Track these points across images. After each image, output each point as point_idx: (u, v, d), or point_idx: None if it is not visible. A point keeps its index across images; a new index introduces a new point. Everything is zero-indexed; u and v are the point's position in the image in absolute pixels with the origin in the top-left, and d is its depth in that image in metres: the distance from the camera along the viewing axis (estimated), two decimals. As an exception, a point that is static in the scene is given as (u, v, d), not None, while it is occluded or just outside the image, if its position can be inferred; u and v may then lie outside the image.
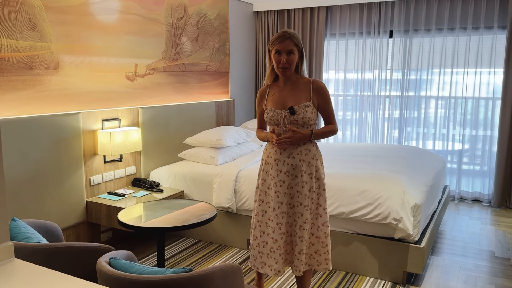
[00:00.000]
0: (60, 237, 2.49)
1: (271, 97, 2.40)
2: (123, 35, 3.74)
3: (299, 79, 2.39)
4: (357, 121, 5.53)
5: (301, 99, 2.33)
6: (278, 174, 2.37)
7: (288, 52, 2.26)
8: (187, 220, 2.57)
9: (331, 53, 5.60)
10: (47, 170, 3.10)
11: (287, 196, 2.38)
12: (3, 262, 1.30)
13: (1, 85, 2.85)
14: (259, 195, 2.45)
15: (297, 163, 2.34)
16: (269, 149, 2.42)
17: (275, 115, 2.33)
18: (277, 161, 2.36)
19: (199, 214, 2.69)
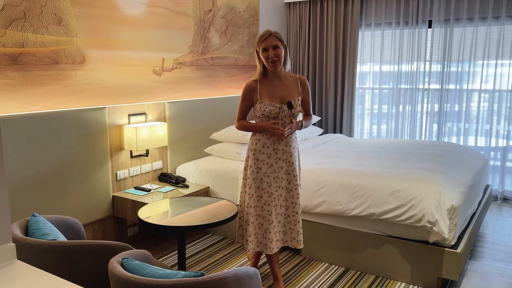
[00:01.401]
0: (81, 233, 2.47)
1: (265, 92, 2.56)
2: (150, 28, 3.70)
3: (287, 74, 2.63)
4: (394, 116, 5.29)
5: (294, 94, 2.59)
6: (278, 161, 2.59)
7: (274, 46, 2.48)
8: (206, 219, 2.49)
9: (366, 45, 5.38)
10: (73, 165, 3.11)
11: (284, 181, 2.63)
12: (4, 264, 1.26)
13: (27, 80, 2.86)
14: (255, 183, 2.61)
15: (292, 150, 2.61)
16: (262, 140, 2.59)
17: (274, 108, 2.53)
18: (276, 150, 2.59)
19: (220, 212, 2.61)
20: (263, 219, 2.64)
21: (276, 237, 2.67)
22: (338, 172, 3.27)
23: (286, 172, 2.63)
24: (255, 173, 2.61)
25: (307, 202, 3.21)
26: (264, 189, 2.61)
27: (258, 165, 2.60)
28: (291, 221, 2.72)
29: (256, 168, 2.60)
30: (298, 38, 5.62)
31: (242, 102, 2.64)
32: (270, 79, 2.58)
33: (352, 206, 3.04)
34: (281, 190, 2.63)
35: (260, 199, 2.62)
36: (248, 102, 2.62)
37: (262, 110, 2.55)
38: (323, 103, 5.59)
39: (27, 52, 2.84)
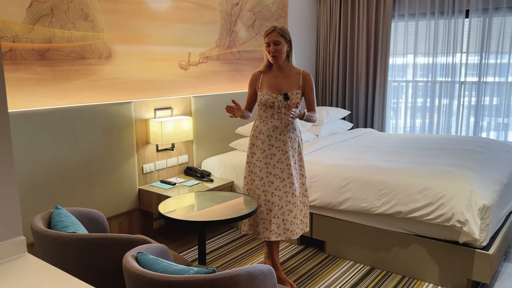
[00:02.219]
0: (104, 226, 2.51)
1: (266, 82, 2.72)
2: (176, 23, 3.70)
3: (291, 69, 2.73)
4: (428, 110, 5.10)
5: (293, 86, 2.69)
6: (270, 148, 2.70)
7: (275, 42, 2.61)
8: (225, 215, 2.47)
9: (399, 36, 5.19)
10: (100, 159, 3.16)
11: (277, 169, 2.69)
12: (14, 257, 1.28)
13: (54, 74, 2.92)
14: (248, 166, 2.78)
15: (286, 139, 2.69)
16: (260, 126, 2.74)
17: (270, 98, 2.68)
18: (270, 137, 2.70)
19: (240, 208, 2.58)
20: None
21: (264, 225, 2.74)
22: (365, 168, 3.18)
23: (279, 160, 2.70)
24: (250, 157, 2.78)
25: (332, 199, 3.14)
26: (256, 173, 2.75)
27: (253, 150, 2.77)
28: (284, 212, 2.71)
29: (251, 152, 2.77)
30: (329, 30, 5.50)
31: (248, 90, 2.86)
32: (273, 71, 2.73)
33: (378, 204, 2.95)
34: (272, 177, 2.70)
35: (252, 183, 2.78)
36: (251, 90, 2.82)
37: (260, 99, 2.73)
38: (353, 96, 5.46)
39: (54, 48, 2.90)
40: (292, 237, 2.73)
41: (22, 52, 2.74)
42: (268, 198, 2.71)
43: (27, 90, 2.79)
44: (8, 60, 2.68)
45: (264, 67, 2.75)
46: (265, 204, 2.72)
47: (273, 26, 2.65)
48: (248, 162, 2.80)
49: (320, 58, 5.62)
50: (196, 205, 2.72)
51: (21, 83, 2.76)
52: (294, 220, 2.72)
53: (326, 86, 5.63)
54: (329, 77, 5.59)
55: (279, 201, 2.70)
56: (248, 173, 2.80)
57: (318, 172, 3.25)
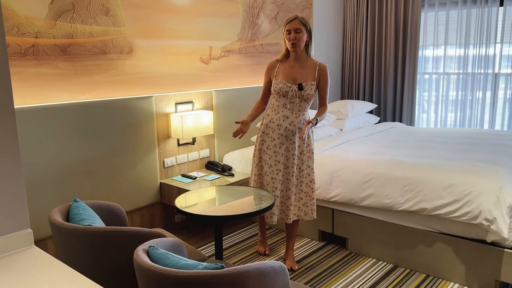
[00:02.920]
0: (123, 219, 2.53)
1: (282, 71, 2.75)
2: (197, 17, 3.69)
3: (308, 60, 2.75)
4: (460, 103, 4.90)
5: (308, 77, 2.72)
6: (279, 137, 2.76)
7: (296, 30, 2.63)
8: (240, 209, 2.45)
9: (429, 27, 5.01)
10: (121, 152, 3.20)
11: (283, 157, 2.78)
12: (21, 249, 1.29)
13: (76, 69, 2.97)
14: (259, 153, 2.86)
15: (295, 130, 2.75)
16: (271, 115, 2.79)
17: (285, 87, 2.71)
18: (280, 126, 2.76)
19: (257, 202, 2.55)
20: (261, 187, 2.88)
21: (276, 211, 2.85)
22: (389, 163, 3.08)
23: (286, 149, 2.78)
24: (260, 144, 2.85)
25: (353, 195, 3.06)
26: (265, 161, 2.84)
27: (263, 137, 2.83)
28: (284, 196, 2.84)
29: (261, 140, 2.84)
30: (356, 21, 5.36)
31: (264, 79, 2.88)
32: (290, 61, 2.76)
33: (402, 200, 2.85)
34: (280, 165, 2.80)
35: (262, 169, 2.86)
36: (267, 79, 2.85)
37: (274, 87, 2.75)
38: (381, 89, 5.31)
39: (76, 43, 2.94)
40: (286, 221, 2.88)
41: (44, 47, 2.79)
42: (276, 186, 2.82)
43: (50, 85, 2.84)
44: (31, 56, 2.73)
45: (281, 56, 2.79)
46: (273, 191, 2.83)
47: (295, 15, 2.70)
48: (258, 150, 2.86)
49: (347, 50, 5.49)
50: (214, 199, 2.71)
51: (43, 78, 2.81)
52: (290, 206, 2.85)
53: (353, 78, 5.50)
54: (356, 70, 5.46)
55: (281, 185, 2.83)
56: (259, 159, 2.86)
57: (340, 167, 3.18)
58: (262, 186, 2.88)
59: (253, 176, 2.92)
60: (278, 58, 2.81)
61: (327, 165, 3.23)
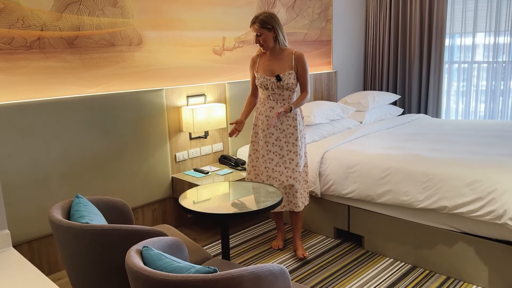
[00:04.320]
0: (128, 215, 2.47)
1: (261, 65, 2.86)
2: (209, 6, 3.58)
3: (283, 50, 2.83)
4: (489, 93, 4.64)
5: (285, 67, 2.80)
6: (269, 127, 2.85)
7: (257, 35, 2.74)
8: (244, 207, 2.34)
9: (457, 14, 4.74)
10: (131, 146, 3.15)
11: (276, 147, 2.86)
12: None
13: (84, 62, 2.92)
14: (253, 145, 2.95)
15: (283, 119, 2.83)
16: (260, 107, 2.91)
17: (265, 80, 2.82)
18: (268, 117, 2.85)
19: (262, 200, 2.44)
20: (255, 179, 2.96)
21: None
22: (408, 158, 2.91)
23: (278, 138, 2.85)
24: (253, 136, 2.94)
25: (370, 191, 2.91)
26: (258, 151, 2.93)
27: (255, 130, 2.93)
28: (286, 186, 2.87)
29: (254, 132, 2.94)
30: (379, 8, 5.14)
31: (250, 75, 2.98)
32: (268, 55, 2.86)
33: (421, 198, 2.68)
34: (272, 155, 2.87)
35: (257, 160, 2.93)
36: (252, 74, 2.95)
37: (257, 81, 2.87)
38: (406, 80, 5.09)
39: (83, 35, 2.89)
40: (295, 209, 2.89)
41: (50, 40, 2.75)
42: (270, 174, 2.88)
43: (57, 78, 2.81)
44: (36, 49, 2.70)
45: (260, 51, 2.90)
46: (267, 179, 2.88)
47: (254, 17, 2.74)
48: (252, 142, 2.95)
49: (370, 40, 5.28)
50: (220, 196, 2.62)
51: (50, 71, 2.77)
52: (296, 194, 2.87)
53: (376, 69, 5.29)
54: (379, 60, 5.24)
55: (280, 176, 2.86)
56: (253, 151, 2.95)
57: (356, 162, 3.03)
58: (257, 177, 2.96)
59: (247, 167, 2.99)
60: (257, 53, 2.92)
61: (343, 160, 3.09)
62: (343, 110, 3.89)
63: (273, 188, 2.61)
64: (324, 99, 4.73)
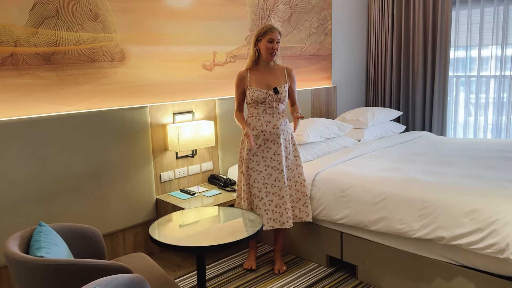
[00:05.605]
0: (97, 244, 2.31)
1: (254, 79, 2.81)
2: (199, 20, 3.44)
3: (275, 65, 2.87)
4: (496, 108, 4.41)
5: (280, 81, 2.83)
6: (266, 142, 2.80)
7: (277, 41, 2.76)
8: (222, 238, 2.16)
9: (461, 26, 4.54)
10: (112, 167, 2.99)
11: (273, 161, 2.81)
12: None
13: (61, 79, 2.79)
14: (246, 162, 2.81)
15: (279, 132, 2.81)
16: (252, 123, 2.82)
17: (262, 94, 2.78)
18: (264, 132, 2.80)
19: (241, 230, 2.26)
20: (253, 196, 2.84)
21: (268, 215, 2.83)
22: (404, 182, 2.71)
23: (275, 153, 2.81)
24: (246, 154, 2.81)
25: (363, 217, 2.71)
26: (253, 168, 2.82)
27: (248, 146, 2.80)
28: (286, 202, 2.82)
29: (247, 149, 2.81)
30: (381, 21, 4.96)
31: (236, 91, 2.87)
32: (259, 68, 2.83)
33: (417, 227, 2.47)
34: (270, 170, 2.82)
35: (250, 177, 2.83)
36: (240, 90, 2.85)
37: (251, 96, 2.79)
38: (409, 95, 4.88)
39: (60, 51, 2.76)
40: (286, 226, 2.84)
41: (24, 56, 2.62)
42: (269, 190, 2.82)
43: (31, 96, 2.67)
44: (9, 66, 2.57)
45: (251, 64, 2.83)
46: (267, 195, 2.82)
47: (272, 25, 2.78)
48: (246, 159, 2.81)
49: (371, 53, 5.09)
50: (195, 224, 2.44)
51: (24, 89, 2.64)
52: (288, 209, 2.84)
53: (378, 84, 5.09)
54: (381, 74, 5.05)
55: (280, 191, 2.82)
56: (245, 169, 2.82)
57: (349, 185, 2.83)
58: (252, 195, 2.84)
59: (243, 186, 2.85)
60: (248, 67, 2.84)
61: (335, 182, 2.89)
62: (339, 128, 3.69)
63: (254, 216, 2.42)
64: (322, 115, 4.54)
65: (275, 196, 2.83)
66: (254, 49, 2.80)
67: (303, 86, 4.36)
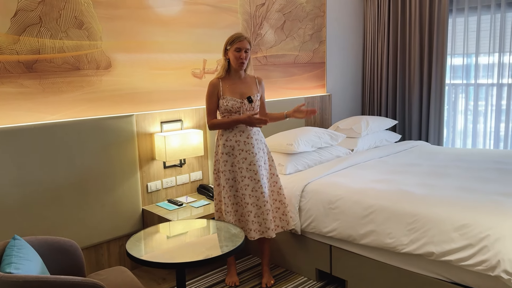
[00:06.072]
0: (76, 257, 2.24)
1: (227, 88, 2.77)
2: (188, 28, 3.39)
3: (246, 74, 2.85)
4: (495, 118, 4.32)
5: (253, 90, 2.83)
6: (241, 153, 2.75)
7: (246, 50, 2.72)
8: (202, 253, 2.09)
9: (458, 34, 4.48)
10: (96, 177, 2.93)
11: (250, 172, 2.75)
12: None
13: (44, 87, 2.73)
14: (224, 175, 2.77)
15: (254, 142, 2.77)
16: (225, 134, 2.77)
17: (236, 103, 2.74)
18: (238, 142, 2.75)
19: (223, 244, 2.18)
20: (237, 206, 2.80)
21: (254, 226, 2.77)
22: (394, 194, 2.63)
23: (251, 163, 2.76)
24: (223, 165, 2.77)
25: (352, 231, 2.63)
26: (233, 179, 2.78)
27: (224, 158, 2.77)
28: (263, 212, 2.77)
29: (223, 161, 2.77)
30: (376, 29, 4.90)
31: (208, 101, 2.80)
32: (231, 77, 2.80)
33: (406, 241, 2.39)
34: (247, 180, 2.76)
35: (231, 189, 2.78)
36: (214, 99, 2.79)
37: (225, 105, 2.74)
38: (406, 103, 4.80)
39: (43, 59, 2.71)
40: (271, 235, 2.78)
41: (6, 64, 2.57)
42: (247, 201, 2.76)
43: (12, 104, 2.62)
44: (-11, 74, 2.52)
45: (223, 72, 2.80)
46: (245, 206, 2.76)
47: (241, 33, 2.75)
48: (223, 171, 2.77)
49: (367, 62, 5.03)
50: (175, 239, 2.37)
51: (5, 98, 2.59)
52: (271, 219, 2.80)
53: (374, 92, 5.02)
54: (377, 82, 4.98)
55: (258, 201, 2.77)
56: (225, 181, 2.77)
57: (338, 196, 2.75)
58: (237, 205, 2.79)
59: (224, 199, 2.77)
60: (219, 76, 2.80)
61: (324, 194, 2.82)
62: (332, 137, 3.62)
63: (236, 230, 2.35)
64: (317, 124, 4.47)
65: (254, 206, 2.77)
66: (223, 58, 2.78)
67: (296, 94, 4.29)
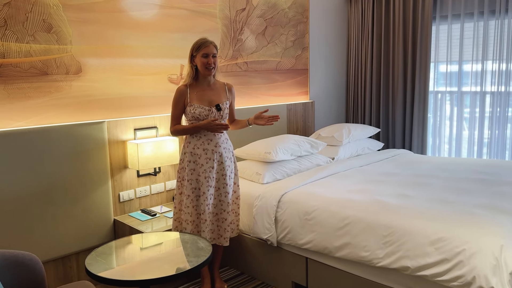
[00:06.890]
0: (36, 272, 2.13)
1: (195, 96, 2.69)
2: (165, 32, 3.31)
3: (216, 81, 2.78)
4: (475, 125, 4.28)
5: (222, 97, 2.76)
6: (208, 161, 2.67)
7: (213, 55, 2.65)
8: (167, 269, 1.99)
9: (442, 41, 4.44)
10: (63, 186, 2.82)
11: (214, 180, 2.71)
12: None
13: (9, 93, 2.62)
14: (190, 184, 2.68)
15: (222, 151, 2.71)
16: (193, 142, 2.69)
17: (204, 111, 2.67)
18: (206, 151, 2.68)
19: (190, 259, 2.09)
20: (198, 219, 2.70)
21: (209, 234, 2.74)
22: (370, 205, 2.55)
23: (217, 171, 2.72)
24: (190, 174, 2.68)
25: (327, 243, 2.55)
26: (198, 189, 2.69)
27: (191, 166, 2.69)
28: (219, 219, 2.76)
29: (190, 169, 2.69)
30: (360, 36, 4.85)
31: (174, 108, 2.73)
32: (199, 84, 2.72)
33: (381, 255, 2.31)
34: (212, 189, 2.71)
35: (198, 199, 2.70)
36: (180, 106, 2.72)
37: (192, 113, 2.67)
38: (389, 111, 4.75)
39: (9, 63, 2.60)
40: (224, 243, 2.77)
41: (-33, 69, 2.46)
42: (212, 210, 2.73)
43: (-26, 111, 2.51)
44: (-51, 78, 2.41)
45: (190, 80, 2.71)
46: (208, 217, 2.71)
47: (206, 38, 2.66)
48: (189, 180, 2.67)
49: (351, 69, 4.97)
50: (139, 253, 2.27)
51: (-34, 104, 2.48)
52: (227, 227, 2.76)
53: (358, 99, 4.97)
54: (361, 90, 4.92)
55: (214, 208, 2.74)
56: (191, 190, 2.68)
57: (314, 207, 2.67)
58: (198, 216, 2.69)
59: (187, 209, 2.68)
60: (186, 82, 2.72)
61: (300, 204, 2.74)
62: (312, 145, 3.54)
63: (204, 243, 2.25)
64: (299, 131, 4.40)
65: (213, 214, 2.74)
66: (190, 65, 2.69)
67: (278, 101, 4.22)
